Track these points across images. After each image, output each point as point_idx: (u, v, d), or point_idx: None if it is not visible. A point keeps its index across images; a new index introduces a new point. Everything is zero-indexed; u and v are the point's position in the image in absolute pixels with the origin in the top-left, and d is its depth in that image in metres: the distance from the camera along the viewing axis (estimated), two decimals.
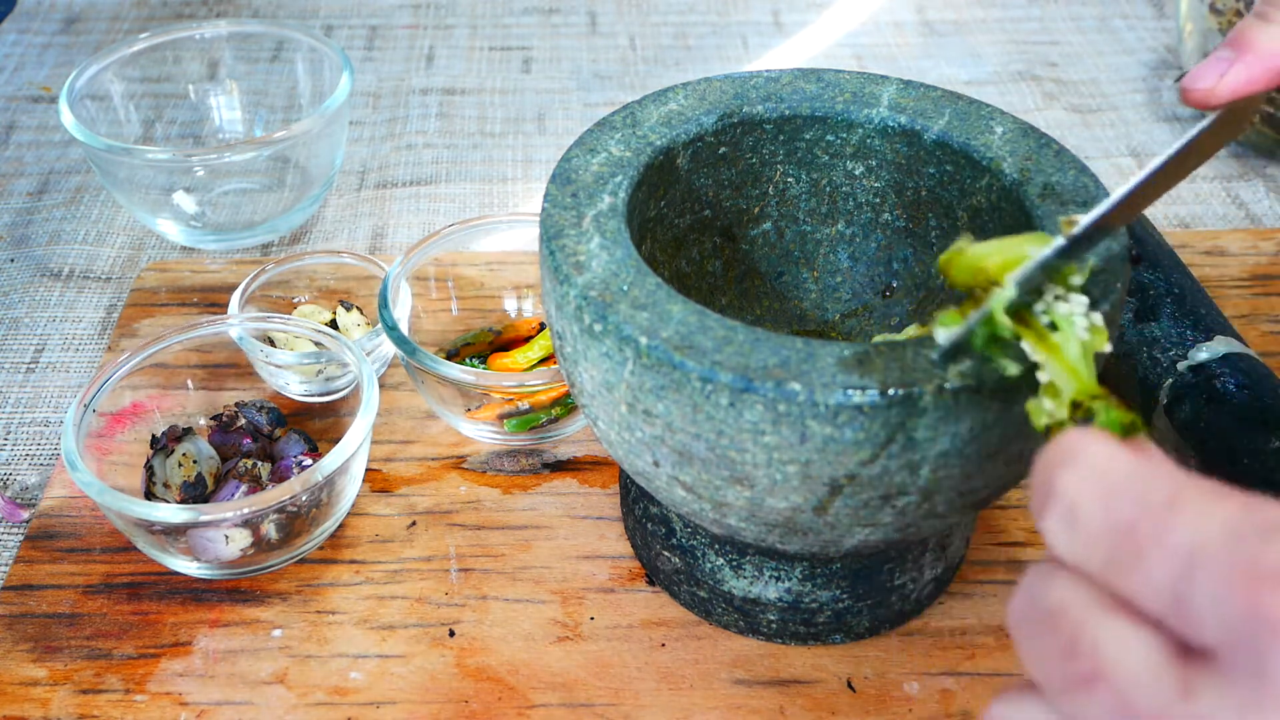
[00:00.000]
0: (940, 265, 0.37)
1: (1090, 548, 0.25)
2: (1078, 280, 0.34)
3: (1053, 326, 0.33)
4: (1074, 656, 0.25)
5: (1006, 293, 0.33)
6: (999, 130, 0.46)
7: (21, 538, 0.54)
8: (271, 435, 0.57)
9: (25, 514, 0.55)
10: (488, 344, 0.61)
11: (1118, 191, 0.35)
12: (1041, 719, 0.27)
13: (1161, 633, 0.24)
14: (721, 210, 0.51)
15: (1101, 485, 0.26)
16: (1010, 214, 0.44)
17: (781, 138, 0.49)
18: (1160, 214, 0.75)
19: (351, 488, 0.52)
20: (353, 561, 0.52)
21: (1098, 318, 0.33)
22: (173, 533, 0.48)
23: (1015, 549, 0.53)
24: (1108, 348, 0.33)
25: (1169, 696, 0.23)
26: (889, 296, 0.52)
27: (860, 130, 0.49)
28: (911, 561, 0.48)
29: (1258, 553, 0.23)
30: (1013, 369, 0.34)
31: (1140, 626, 0.24)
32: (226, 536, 0.49)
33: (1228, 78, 0.37)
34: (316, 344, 0.56)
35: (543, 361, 0.59)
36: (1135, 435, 0.28)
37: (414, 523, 0.54)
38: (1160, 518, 0.24)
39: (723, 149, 0.49)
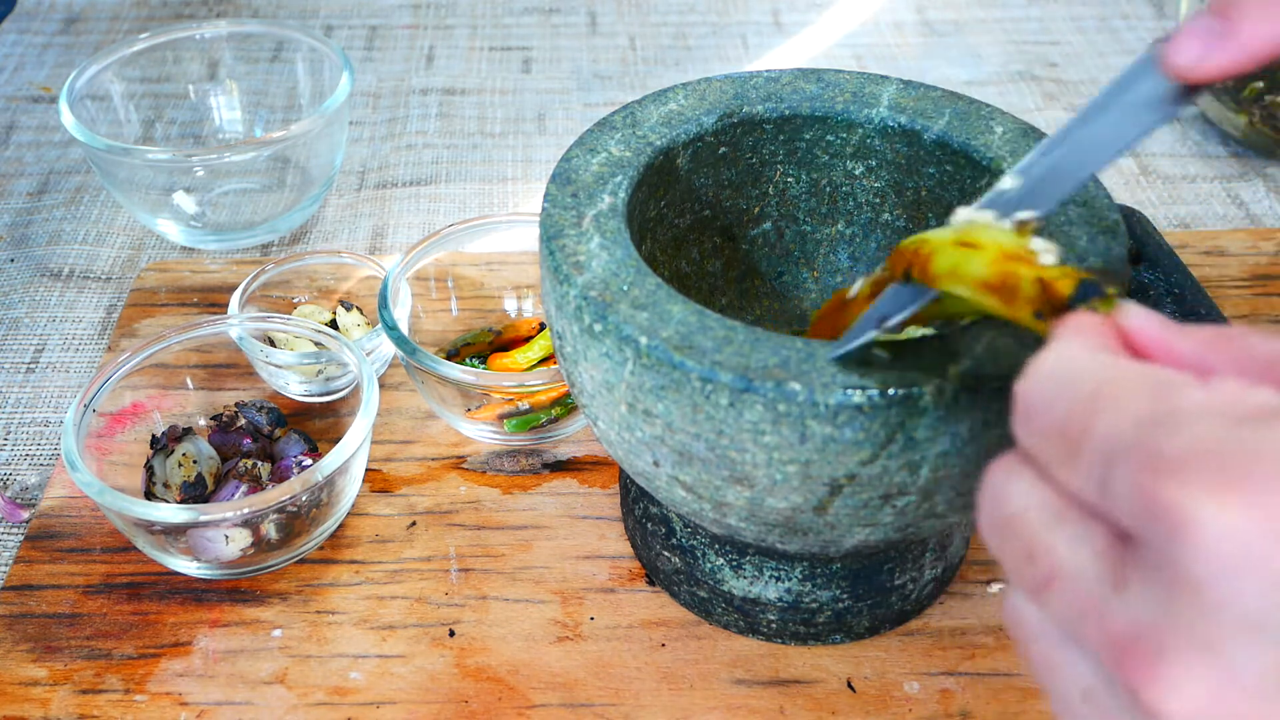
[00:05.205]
0: (938, 266, 0.34)
1: (1040, 443, 0.26)
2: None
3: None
4: (1033, 562, 0.26)
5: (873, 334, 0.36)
6: (999, 130, 0.46)
7: (21, 538, 0.54)
8: (271, 435, 0.57)
9: (25, 514, 0.55)
10: (488, 344, 0.61)
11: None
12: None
13: (1104, 525, 0.25)
14: (721, 210, 0.51)
15: (1046, 384, 0.26)
16: None
17: (781, 138, 0.49)
18: (1160, 214, 0.75)
19: (351, 488, 0.52)
20: (353, 561, 0.52)
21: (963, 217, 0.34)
22: (173, 533, 0.48)
23: None
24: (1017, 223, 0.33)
25: (1107, 591, 0.24)
26: None
27: (860, 130, 0.49)
28: (911, 561, 0.48)
29: (1161, 442, 0.23)
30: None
31: (1088, 523, 0.25)
32: (226, 536, 0.49)
33: (1213, 58, 0.31)
34: (316, 344, 0.56)
35: (543, 361, 0.59)
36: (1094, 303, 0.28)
37: (414, 523, 0.54)
38: (1087, 411, 0.25)
39: (723, 149, 0.49)
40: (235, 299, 0.60)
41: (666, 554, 0.50)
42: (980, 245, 0.32)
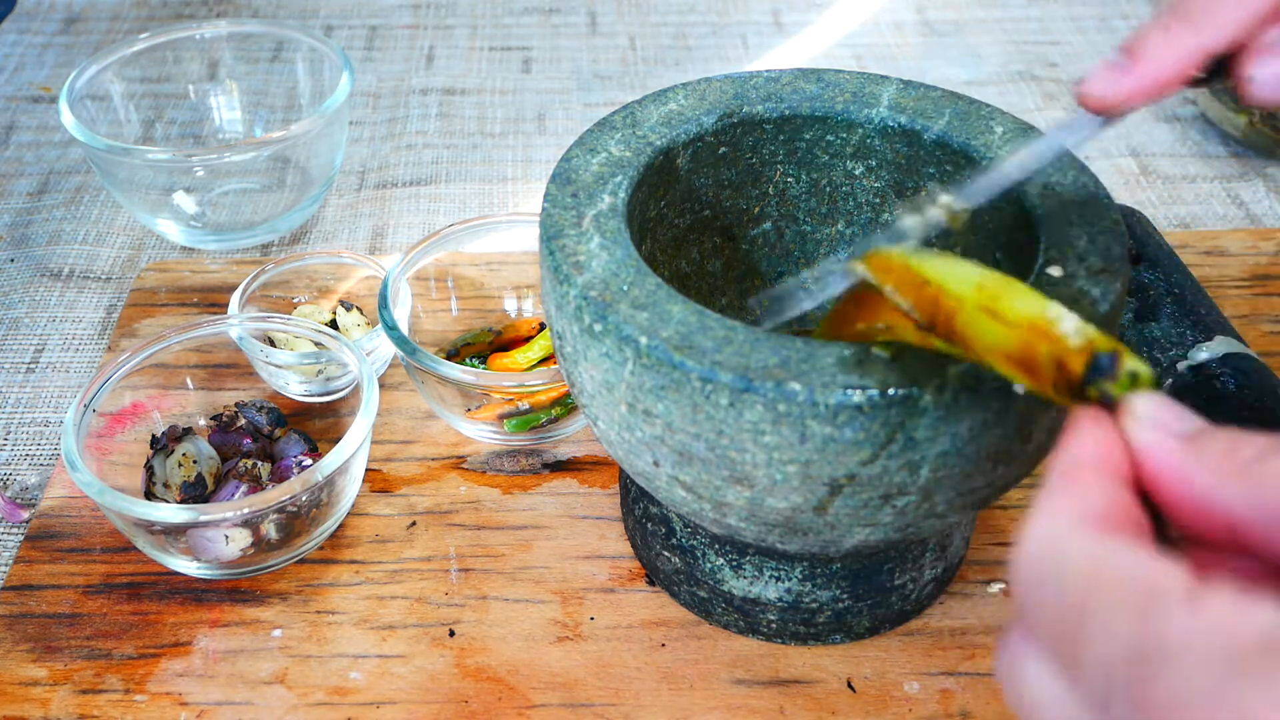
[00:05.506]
0: (873, 270, 0.35)
1: (1040, 629, 0.26)
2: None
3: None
4: None
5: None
6: (999, 130, 0.46)
7: (21, 538, 0.54)
8: (271, 435, 0.57)
9: (25, 514, 0.55)
10: (488, 344, 0.61)
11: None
12: (1046, 684, 0.26)
13: None
14: (721, 210, 0.51)
15: (1035, 568, 0.26)
16: (1010, 214, 0.44)
17: (781, 138, 0.49)
18: (1160, 214, 0.75)
19: (351, 488, 0.52)
20: (353, 561, 0.52)
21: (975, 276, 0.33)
22: (173, 533, 0.48)
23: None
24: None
25: None
26: None
27: (860, 130, 0.49)
28: (911, 561, 0.48)
29: (1151, 684, 0.22)
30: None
31: None
32: (226, 536, 0.49)
33: (1119, 89, 0.36)
34: (316, 344, 0.56)
35: (543, 361, 0.59)
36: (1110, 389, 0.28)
37: (414, 523, 0.54)
38: (1078, 621, 0.24)
39: (723, 149, 0.49)
40: (235, 299, 0.60)
41: (666, 554, 0.50)
42: (1000, 314, 0.31)
